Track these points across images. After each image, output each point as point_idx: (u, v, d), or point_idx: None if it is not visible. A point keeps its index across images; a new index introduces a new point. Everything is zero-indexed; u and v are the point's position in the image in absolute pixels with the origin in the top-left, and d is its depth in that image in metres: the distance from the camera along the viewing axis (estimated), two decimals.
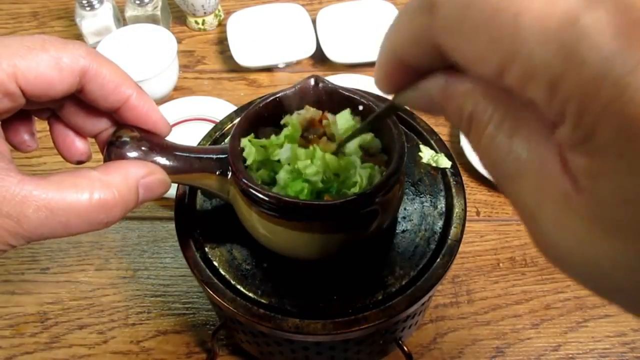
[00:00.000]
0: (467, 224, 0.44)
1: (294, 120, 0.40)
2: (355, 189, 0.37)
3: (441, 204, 0.45)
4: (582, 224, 0.16)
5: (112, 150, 0.33)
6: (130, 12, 0.85)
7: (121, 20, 0.89)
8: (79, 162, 0.35)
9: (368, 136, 0.40)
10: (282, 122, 0.41)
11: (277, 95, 0.40)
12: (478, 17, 0.16)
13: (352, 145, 0.39)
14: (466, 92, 0.19)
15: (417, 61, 0.20)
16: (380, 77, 0.23)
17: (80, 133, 0.35)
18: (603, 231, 0.16)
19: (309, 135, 0.40)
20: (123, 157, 0.33)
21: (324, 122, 0.40)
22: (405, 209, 0.45)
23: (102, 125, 0.34)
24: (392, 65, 0.22)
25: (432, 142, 0.48)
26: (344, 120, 0.40)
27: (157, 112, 0.34)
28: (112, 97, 0.31)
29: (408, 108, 0.24)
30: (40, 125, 0.35)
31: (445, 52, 0.18)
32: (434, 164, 0.47)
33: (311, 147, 0.38)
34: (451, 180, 0.45)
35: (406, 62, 0.21)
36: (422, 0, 0.18)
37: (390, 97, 0.24)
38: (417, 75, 0.21)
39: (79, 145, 0.35)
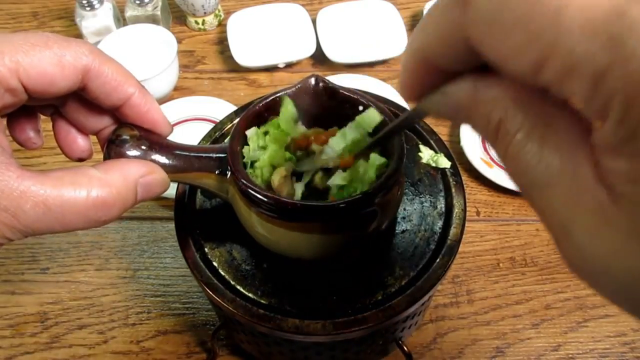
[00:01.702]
0: (467, 224, 0.44)
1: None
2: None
3: (441, 204, 0.45)
4: (620, 236, 0.15)
5: (111, 149, 0.33)
6: (130, 12, 0.85)
7: (121, 20, 0.89)
8: (80, 159, 0.36)
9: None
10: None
11: (278, 95, 0.40)
12: (517, 10, 0.15)
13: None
14: (496, 97, 0.18)
15: (446, 61, 0.20)
16: (404, 81, 0.22)
17: (82, 130, 0.35)
18: None
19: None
20: (122, 155, 0.33)
21: (313, 146, 0.40)
22: (404, 209, 0.45)
23: (104, 123, 0.35)
24: (418, 67, 0.21)
25: (432, 142, 0.48)
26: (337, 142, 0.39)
27: (159, 111, 0.35)
28: (114, 95, 0.32)
29: (430, 116, 0.23)
30: (41, 124, 0.35)
31: (478, 48, 0.17)
32: (433, 164, 0.47)
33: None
34: (451, 180, 0.45)
35: (434, 62, 0.20)
36: None
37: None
38: (443, 79, 0.20)
39: (81, 142, 0.35)
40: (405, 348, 0.47)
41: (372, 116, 0.38)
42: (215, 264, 0.42)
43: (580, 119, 0.17)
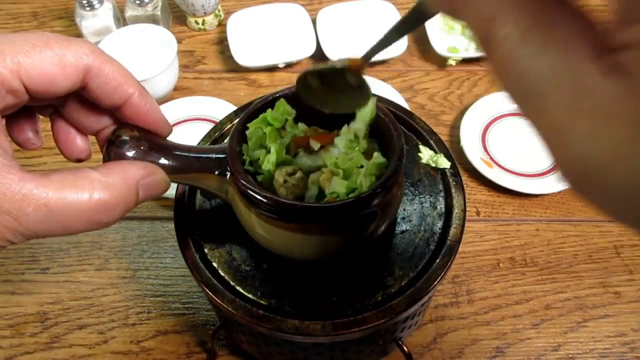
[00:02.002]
0: (467, 224, 0.44)
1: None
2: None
3: (441, 205, 0.45)
4: (626, 130, 0.14)
5: (111, 149, 0.33)
6: (130, 12, 0.85)
7: (121, 20, 0.89)
8: (79, 160, 0.36)
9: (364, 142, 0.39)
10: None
11: (278, 95, 0.40)
12: None
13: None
14: None
15: None
16: None
17: (81, 130, 0.35)
18: None
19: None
20: (122, 156, 0.33)
21: (312, 143, 0.40)
22: (404, 209, 0.45)
23: (104, 123, 0.35)
24: None
25: (432, 142, 0.48)
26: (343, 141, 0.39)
27: (158, 111, 0.35)
28: (114, 95, 0.32)
29: (433, 9, 0.22)
30: (41, 124, 0.35)
31: None
32: (433, 165, 0.47)
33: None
34: (451, 180, 0.45)
35: None
36: None
37: None
38: None
39: (80, 143, 0.35)
40: (405, 348, 0.47)
41: (372, 106, 0.38)
42: (215, 264, 0.42)
43: (580, 16, 0.16)
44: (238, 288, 0.41)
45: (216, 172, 0.38)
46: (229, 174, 0.37)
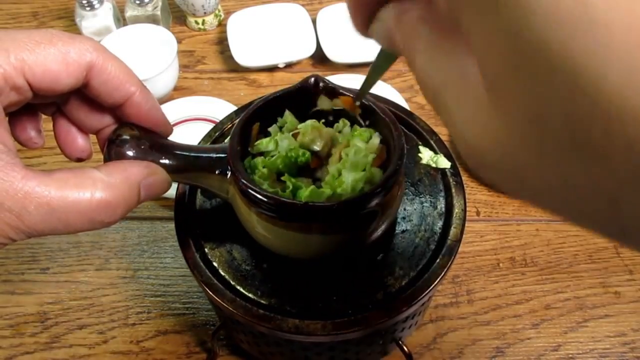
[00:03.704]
0: (467, 224, 0.44)
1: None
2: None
3: (441, 204, 0.45)
4: (491, 118, 0.17)
5: (112, 148, 0.33)
6: (130, 12, 0.85)
7: (121, 20, 0.89)
8: (79, 160, 0.36)
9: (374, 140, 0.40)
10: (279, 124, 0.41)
11: (278, 95, 0.40)
12: None
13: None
14: (412, 16, 0.21)
15: None
16: (351, 14, 0.24)
17: (82, 129, 0.35)
18: (503, 113, 0.16)
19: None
20: (123, 155, 0.33)
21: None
22: (405, 209, 0.45)
23: (105, 122, 0.35)
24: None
25: (432, 142, 0.48)
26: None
27: (159, 111, 0.35)
28: (116, 93, 0.32)
29: (383, 47, 0.25)
30: (42, 124, 0.35)
31: None
32: (433, 165, 0.47)
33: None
34: (451, 180, 0.45)
35: None
36: None
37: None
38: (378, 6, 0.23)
39: (81, 142, 0.35)
40: (405, 348, 0.47)
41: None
42: (215, 264, 0.42)
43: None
44: (238, 287, 0.41)
45: (217, 172, 0.38)
46: (229, 174, 0.37)
